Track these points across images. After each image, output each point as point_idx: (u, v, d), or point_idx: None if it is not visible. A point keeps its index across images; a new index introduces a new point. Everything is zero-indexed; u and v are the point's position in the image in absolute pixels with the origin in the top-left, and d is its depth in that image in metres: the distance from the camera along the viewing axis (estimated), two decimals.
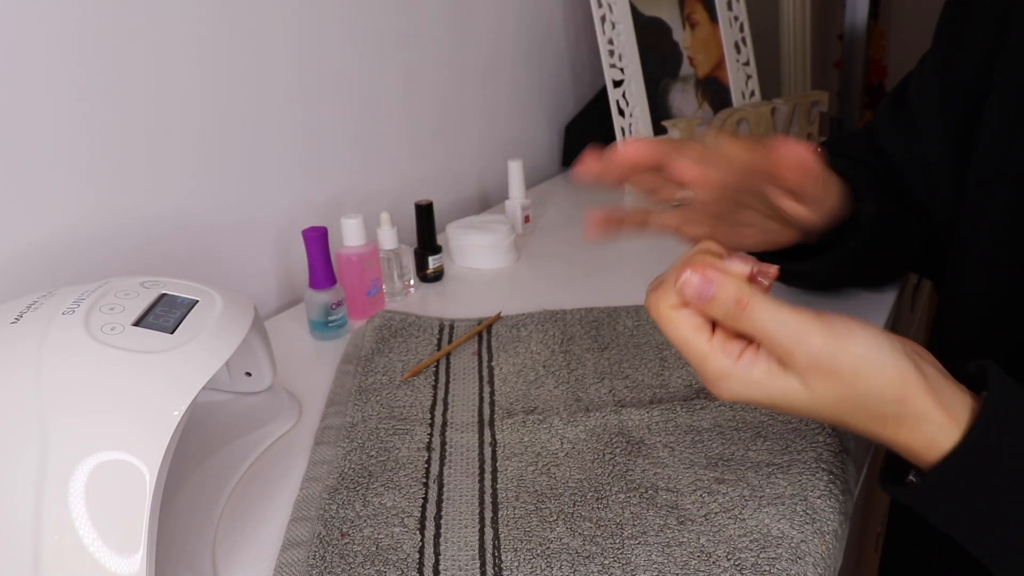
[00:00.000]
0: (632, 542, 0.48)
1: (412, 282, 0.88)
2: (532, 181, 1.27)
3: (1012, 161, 0.54)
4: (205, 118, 0.77)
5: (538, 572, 0.47)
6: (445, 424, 0.62)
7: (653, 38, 1.21)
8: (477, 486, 0.55)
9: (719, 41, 1.30)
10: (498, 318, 0.78)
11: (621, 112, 1.16)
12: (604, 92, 1.18)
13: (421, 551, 0.49)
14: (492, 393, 0.66)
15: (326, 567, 0.48)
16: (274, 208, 0.86)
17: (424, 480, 0.55)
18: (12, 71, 0.61)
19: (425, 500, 0.53)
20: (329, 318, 0.76)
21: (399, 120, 1.01)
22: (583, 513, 0.51)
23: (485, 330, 0.76)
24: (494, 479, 0.55)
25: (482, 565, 0.48)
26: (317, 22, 0.87)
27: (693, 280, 0.38)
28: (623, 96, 1.16)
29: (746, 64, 1.34)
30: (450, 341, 0.74)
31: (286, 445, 0.61)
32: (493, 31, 1.15)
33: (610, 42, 1.15)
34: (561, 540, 0.49)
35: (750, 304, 0.38)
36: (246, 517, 0.54)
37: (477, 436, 0.60)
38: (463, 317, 0.79)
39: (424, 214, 0.89)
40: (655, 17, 1.22)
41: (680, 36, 1.25)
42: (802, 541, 0.48)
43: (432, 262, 0.89)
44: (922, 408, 0.38)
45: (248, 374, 0.64)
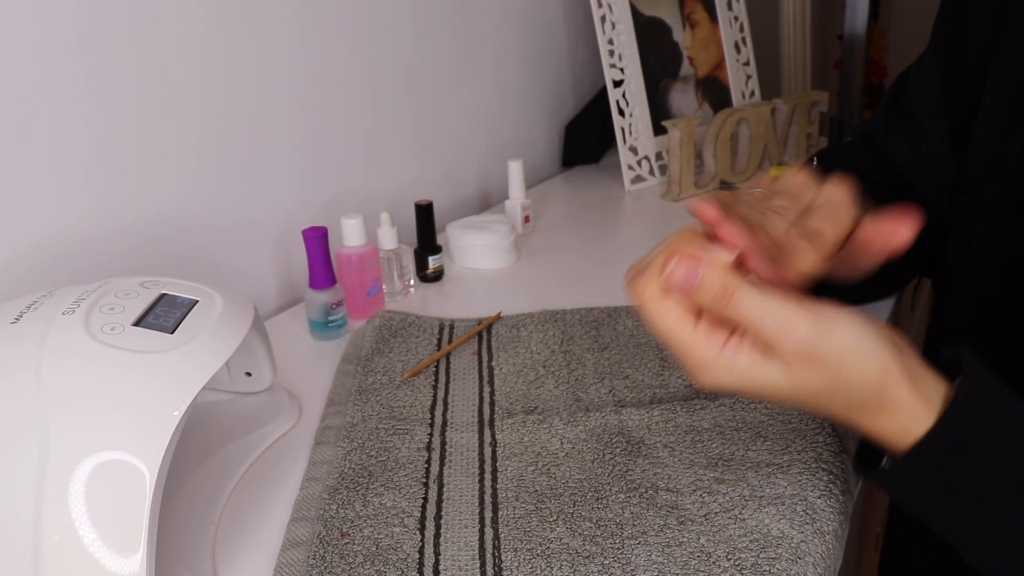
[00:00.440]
0: (632, 542, 0.48)
1: (412, 282, 0.88)
2: (532, 181, 1.27)
3: (1006, 159, 0.54)
4: (205, 118, 0.77)
5: (538, 572, 0.47)
6: (445, 424, 0.62)
7: (653, 38, 1.21)
8: (477, 486, 0.55)
9: (719, 41, 1.30)
10: (498, 318, 0.78)
11: (621, 112, 1.16)
12: (604, 92, 1.18)
13: (421, 551, 0.49)
14: (492, 393, 0.66)
15: (326, 567, 0.48)
16: (274, 208, 0.86)
17: (424, 480, 0.55)
18: (12, 71, 0.61)
19: (425, 500, 0.53)
20: (329, 318, 0.76)
21: (399, 120, 1.01)
22: (583, 513, 0.51)
23: (485, 330, 0.76)
24: (494, 479, 0.55)
25: (482, 565, 0.48)
26: (318, 22, 0.87)
27: (679, 269, 0.38)
28: (623, 96, 1.16)
29: (746, 64, 1.34)
30: (450, 341, 0.74)
31: (286, 445, 0.61)
32: (493, 31, 1.15)
33: (610, 42, 1.15)
34: (561, 540, 0.49)
35: (736, 293, 0.38)
36: (246, 517, 0.54)
37: (477, 436, 0.60)
38: (463, 317, 0.79)
39: (424, 214, 0.89)
40: (655, 17, 1.22)
41: (680, 36, 1.25)
42: (802, 541, 0.48)
43: (432, 262, 0.89)
44: (900, 396, 0.38)
45: (248, 374, 0.64)
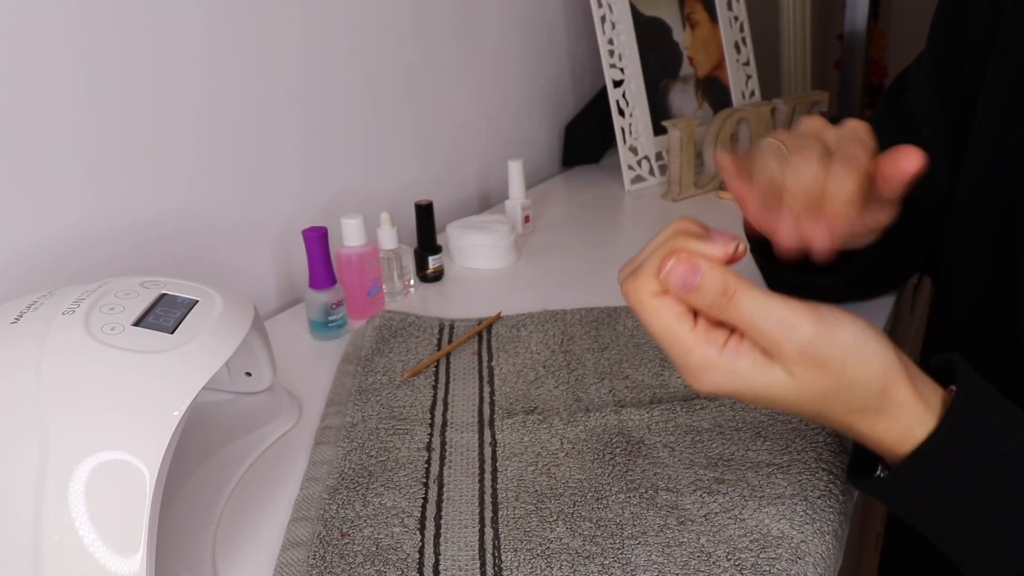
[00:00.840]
0: (632, 542, 0.48)
1: (412, 282, 0.88)
2: (532, 181, 1.27)
3: (1003, 157, 0.54)
4: (205, 118, 0.77)
5: (538, 572, 0.47)
6: (445, 424, 0.62)
7: (653, 38, 1.21)
8: (477, 486, 0.55)
9: (719, 41, 1.30)
10: (498, 318, 0.78)
11: (621, 112, 1.16)
12: (604, 92, 1.18)
13: (421, 551, 0.49)
14: (492, 393, 0.66)
15: (326, 567, 0.48)
16: (274, 208, 0.86)
17: (424, 480, 0.55)
18: (12, 71, 0.61)
19: (425, 500, 0.53)
20: (329, 318, 0.76)
21: (399, 120, 1.01)
22: (583, 513, 0.51)
23: (485, 330, 0.76)
24: (494, 479, 0.55)
25: (482, 565, 0.48)
26: (318, 22, 0.87)
27: (678, 270, 0.37)
28: (623, 96, 1.16)
29: (746, 64, 1.34)
30: (450, 341, 0.74)
31: (286, 445, 0.61)
32: (494, 31, 1.15)
33: (610, 42, 1.15)
34: (561, 540, 0.49)
35: (737, 293, 0.36)
36: (246, 517, 0.54)
37: (477, 436, 0.60)
38: (463, 317, 0.79)
39: (424, 214, 0.89)
40: (655, 17, 1.22)
41: (680, 36, 1.25)
42: (802, 541, 0.48)
43: (432, 262, 0.89)
44: (902, 397, 0.38)
45: (248, 374, 0.64)
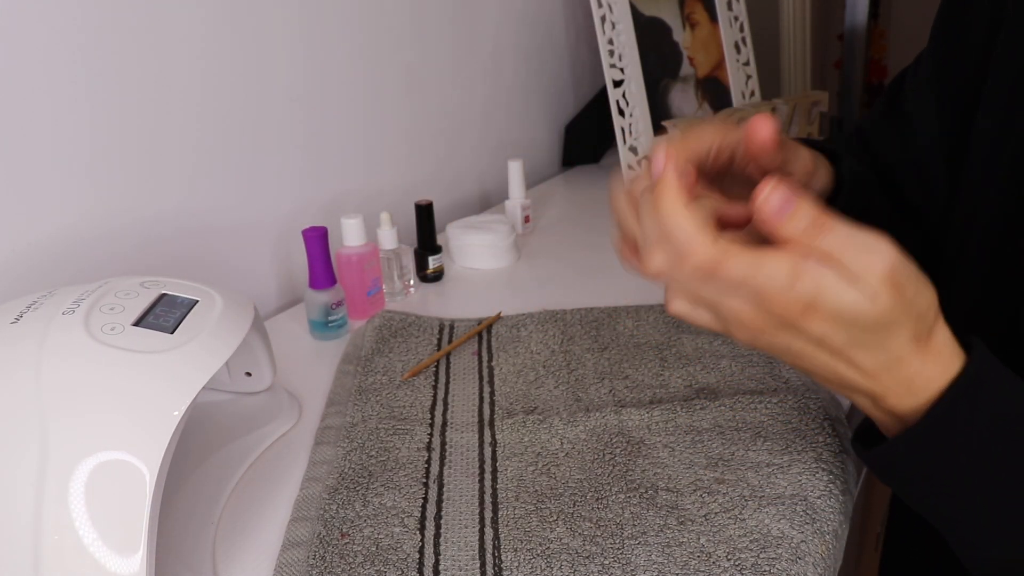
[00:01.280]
0: (632, 542, 0.48)
1: (412, 282, 0.88)
2: (532, 181, 1.27)
3: (1004, 156, 0.54)
4: (205, 118, 0.77)
5: (538, 572, 0.47)
6: (445, 424, 0.62)
7: (653, 38, 1.21)
8: (477, 486, 0.55)
9: (719, 41, 1.30)
10: (498, 318, 0.78)
11: (621, 112, 1.16)
12: (604, 92, 1.18)
13: (421, 551, 0.49)
14: (492, 393, 0.66)
15: (326, 567, 0.48)
16: (274, 208, 0.86)
17: (424, 480, 0.55)
18: (12, 71, 0.61)
19: (425, 500, 0.53)
20: (329, 318, 0.76)
21: (400, 120, 1.01)
22: (583, 513, 0.51)
23: (485, 330, 0.76)
24: (494, 479, 0.55)
25: (482, 565, 0.48)
26: (318, 22, 0.87)
27: (775, 196, 0.35)
28: (623, 96, 1.16)
29: (746, 64, 1.34)
30: (450, 341, 0.74)
31: (286, 445, 0.61)
32: (494, 31, 1.15)
33: (610, 42, 1.15)
34: (561, 540, 0.49)
35: (827, 219, 0.35)
36: (246, 517, 0.54)
37: (477, 436, 0.60)
38: (463, 317, 0.79)
39: (424, 214, 0.89)
40: (655, 17, 1.21)
41: (680, 36, 1.25)
42: (802, 541, 0.48)
43: (432, 262, 0.89)
44: (941, 323, 0.39)
45: (248, 374, 0.64)
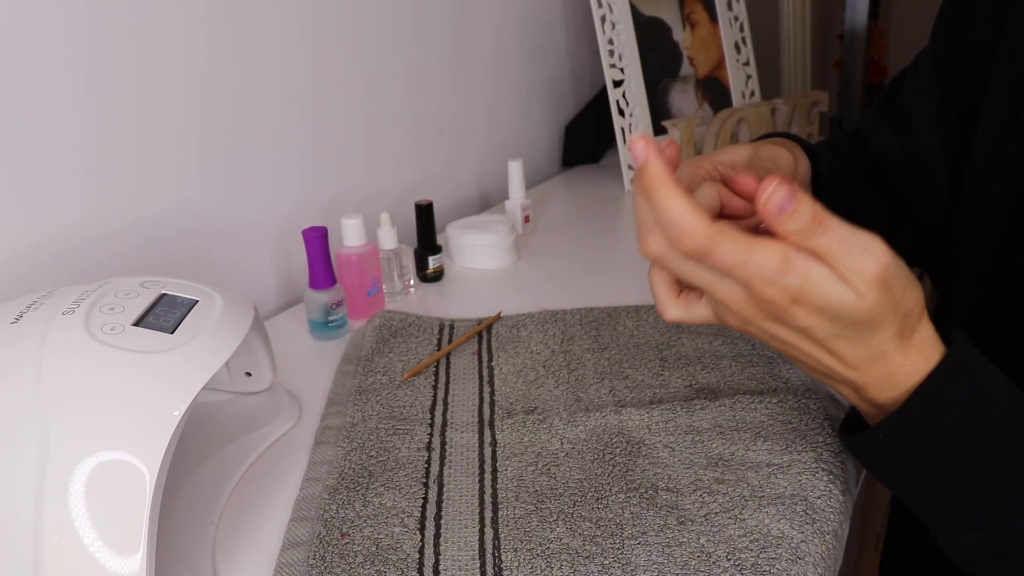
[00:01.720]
0: (632, 542, 0.48)
1: (412, 282, 0.88)
2: (532, 181, 1.27)
3: (1008, 154, 0.54)
4: (205, 118, 0.77)
5: (538, 572, 0.47)
6: (445, 424, 0.62)
7: (653, 38, 1.21)
8: (477, 486, 0.55)
9: (719, 41, 1.30)
10: (498, 318, 0.78)
11: (621, 112, 1.16)
12: (604, 92, 1.18)
13: (421, 551, 0.49)
14: (492, 393, 0.66)
15: (326, 567, 0.48)
16: (274, 208, 0.86)
17: (424, 480, 0.55)
18: (13, 71, 0.61)
19: (425, 500, 0.53)
20: (329, 318, 0.76)
21: (400, 120, 1.01)
22: (583, 513, 0.51)
23: (485, 330, 0.76)
24: (494, 479, 0.55)
25: (482, 565, 0.48)
26: (318, 22, 0.87)
27: (778, 194, 0.37)
28: (623, 96, 1.16)
29: (746, 64, 1.34)
30: (450, 341, 0.74)
31: (286, 445, 0.61)
32: (494, 31, 1.15)
33: (610, 42, 1.15)
34: (561, 540, 0.49)
35: (825, 220, 0.37)
36: (246, 517, 0.54)
37: (477, 436, 0.60)
38: (463, 317, 0.79)
39: (424, 214, 0.89)
40: (655, 17, 1.22)
41: (680, 36, 1.25)
42: (802, 541, 0.48)
43: (432, 262, 0.89)
44: (925, 320, 0.41)
45: (248, 374, 0.64)
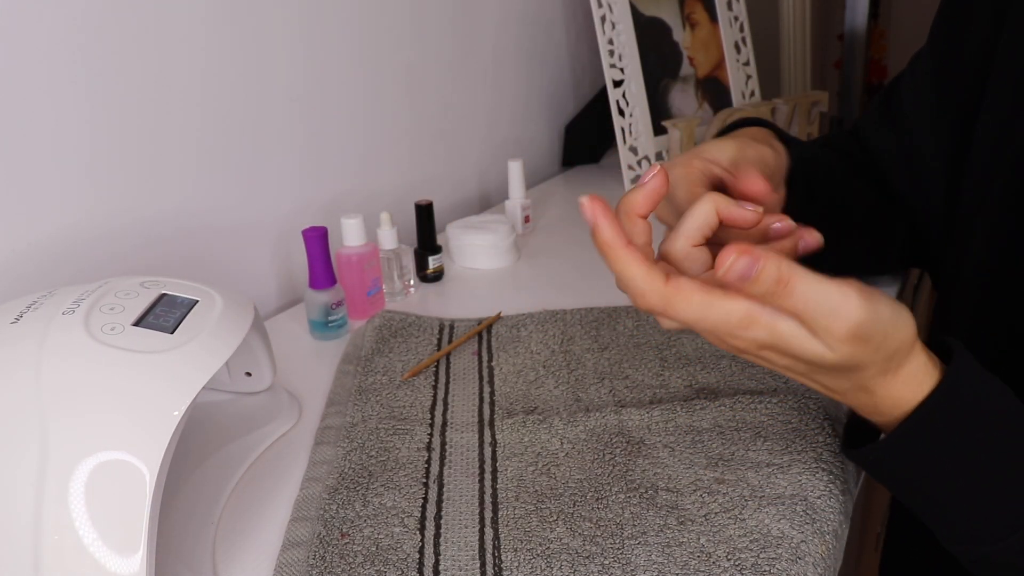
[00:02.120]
0: (632, 542, 0.48)
1: (412, 282, 0.88)
2: (532, 181, 1.27)
3: (1007, 155, 0.54)
4: (205, 118, 0.77)
5: (538, 572, 0.47)
6: (445, 424, 0.62)
7: (653, 38, 1.21)
8: (477, 486, 0.55)
9: (719, 41, 1.30)
10: (498, 318, 0.78)
11: (621, 112, 1.16)
12: (604, 92, 1.18)
13: (421, 551, 0.49)
14: (492, 393, 0.66)
15: (326, 567, 0.48)
16: (274, 208, 0.86)
17: (424, 480, 0.55)
18: (13, 71, 0.61)
19: (425, 500, 0.53)
20: (329, 318, 0.76)
21: (400, 120, 1.01)
22: (583, 513, 0.51)
23: (485, 330, 0.76)
24: (494, 479, 0.55)
25: (482, 565, 0.48)
26: (318, 22, 0.87)
27: (739, 264, 0.37)
28: (623, 96, 1.16)
29: (746, 64, 1.34)
30: (450, 341, 0.74)
31: (286, 445, 0.61)
32: (494, 31, 1.15)
33: (610, 42, 1.15)
34: (561, 540, 0.49)
35: (791, 282, 0.37)
36: (246, 517, 0.54)
37: (477, 436, 0.60)
38: (463, 317, 0.79)
39: (424, 214, 0.89)
40: (655, 17, 1.21)
41: (680, 36, 1.25)
42: (802, 541, 0.48)
43: (432, 262, 0.89)
44: (915, 354, 0.41)
45: (248, 374, 0.64)
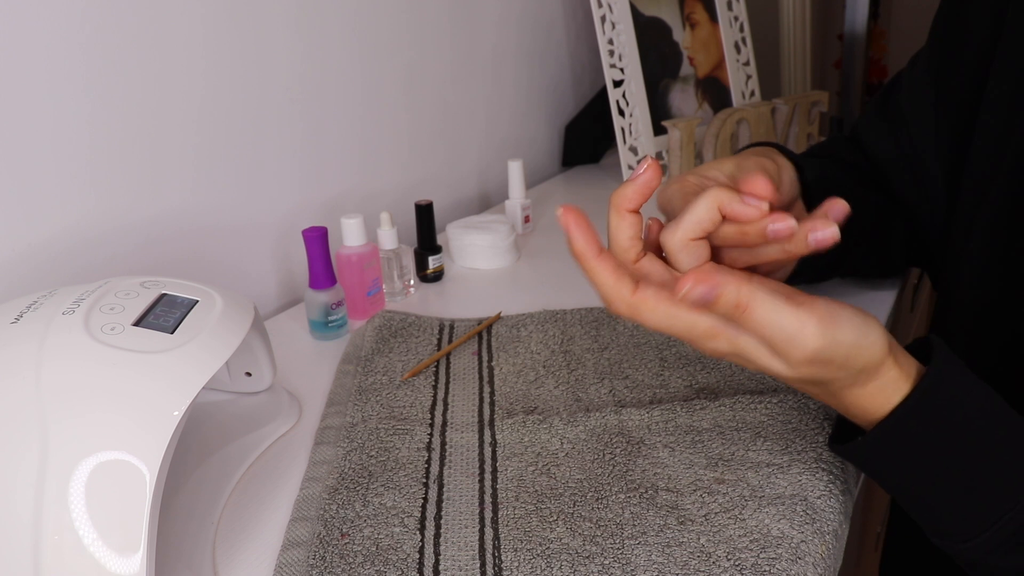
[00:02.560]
0: (632, 542, 0.48)
1: (412, 282, 0.88)
2: (532, 181, 1.27)
3: (1007, 156, 0.54)
4: (205, 118, 0.77)
5: (538, 572, 0.47)
6: (445, 424, 0.62)
7: (653, 38, 1.21)
8: (477, 486, 0.55)
9: (719, 41, 1.30)
10: (498, 318, 0.78)
11: (621, 112, 1.16)
12: (604, 92, 1.18)
13: (421, 551, 0.49)
14: (492, 393, 0.66)
15: (326, 567, 0.48)
16: (274, 208, 0.86)
17: (424, 480, 0.55)
18: (13, 71, 0.61)
19: (425, 500, 0.53)
20: (329, 318, 0.76)
21: (399, 120, 1.01)
22: (583, 513, 0.51)
23: (485, 330, 0.76)
24: (494, 479, 0.55)
25: (482, 565, 0.48)
26: (318, 22, 0.87)
27: (698, 288, 0.39)
28: (623, 96, 1.16)
29: (746, 64, 1.34)
30: (450, 341, 0.74)
31: (286, 445, 0.61)
32: (494, 31, 1.15)
33: (610, 42, 1.15)
34: (561, 540, 0.49)
35: (749, 307, 0.39)
36: (246, 517, 0.54)
37: (477, 436, 0.60)
38: (463, 317, 0.79)
39: (424, 214, 0.89)
40: (655, 17, 1.22)
41: (680, 36, 1.25)
42: (802, 541, 0.48)
43: (432, 262, 0.89)
44: (885, 369, 0.42)
45: (248, 374, 0.64)
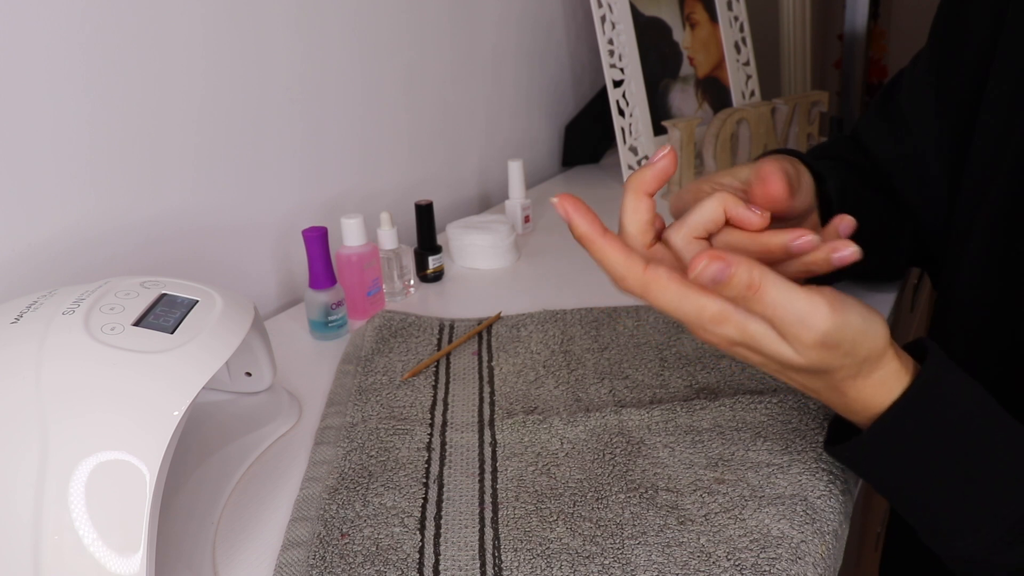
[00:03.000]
0: (632, 542, 0.48)
1: (412, 282, 0.88)
2: (532, 181, 1.27)
3: (1007, 156, 0.54)
4: (205, 118, 0.77)
5: (538, 572, 0.47)
6: (445, 424, 0.62)
7: (653, 38, 1.21)
8: (477, 486, 0.55)
9: (719, 41, 1.30)
10: (498, 318, 0.78)
11: (621, 112, 1.16)
12: (604, 92, 1.18)
13: (421, 551, 0.49)
14: (492, 393, 0.66)
15: (326, 567, 0.48)
16: (274, 208, 0.86)
17: (424, 480, 0.55)
18: (13, 71, 0.61)
19: (425, 500, 0.53)
20: (329, 318, 0.76)
21: (399, 120, 1.01)
22: (583, 513, 0.51)
23: (485, 330, 0.76)
24: (494, 479, 0.55)
25: (482, 565, 0.48)
26: (318, 22, 0.87)
27: (711, 268, 0.39)
28: (623, 96, 1.16)
29: (746, 64, 1.34)
30: (450, 341, 0.74)
31: (286, 445, 0.61)
32: (494, 31, 1.15)
33: (610, 42, 1.15)
34: (561, 540, 0.49)
35: (761, 288, 0.39)
36: (246, 517, 0.54)
37: (477, 436, 0.60)
38: (463, 317, 0.79)
39: (424, 214, 0.89)
40: (655, 17, 1.22)
41: (680, 36, 1.25)
42: (802, 541, 0.48)
43: (432, 262, 0.89)
44: (887, 360, 0.42)
45: (248, 374, 0.64)
